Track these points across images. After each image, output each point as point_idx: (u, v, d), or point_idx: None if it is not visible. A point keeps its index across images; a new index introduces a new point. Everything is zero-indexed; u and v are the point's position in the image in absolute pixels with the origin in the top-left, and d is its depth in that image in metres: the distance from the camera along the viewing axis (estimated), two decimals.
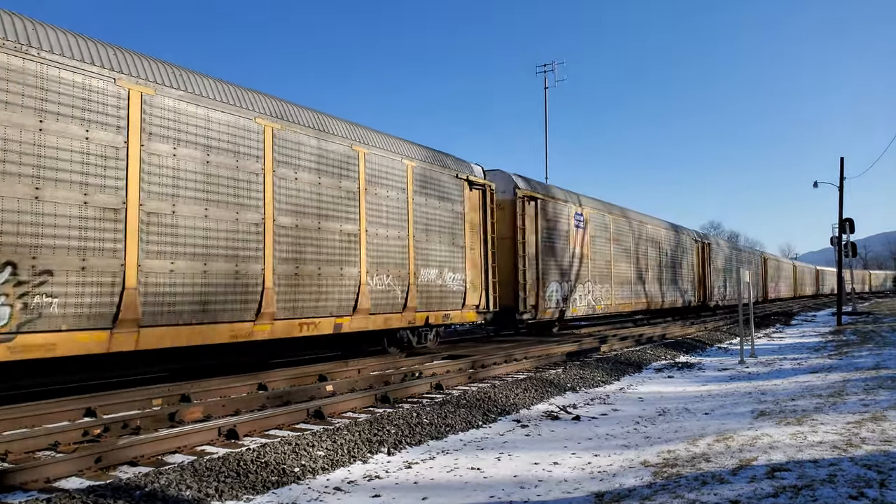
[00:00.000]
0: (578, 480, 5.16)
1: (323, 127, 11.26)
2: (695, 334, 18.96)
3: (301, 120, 10.88)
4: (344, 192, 11.47)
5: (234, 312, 9.35)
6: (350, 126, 12.00)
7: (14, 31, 7.26)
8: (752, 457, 5.26)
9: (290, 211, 10.41)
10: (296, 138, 10.63)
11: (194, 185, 8.98)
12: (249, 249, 9.65)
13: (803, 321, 28.49)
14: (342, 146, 11.54)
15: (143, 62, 8.63)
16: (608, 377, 10.98)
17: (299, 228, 10.53)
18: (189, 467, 5.03)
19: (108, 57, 8.17)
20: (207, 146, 9.18)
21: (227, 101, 9.62)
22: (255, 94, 10.28)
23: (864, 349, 14.15)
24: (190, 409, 7.30)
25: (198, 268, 8.90)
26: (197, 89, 9.17)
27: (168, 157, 8.67)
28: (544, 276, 17.64)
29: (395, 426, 6.68)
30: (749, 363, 13.00)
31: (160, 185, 8.53)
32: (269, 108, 10.31)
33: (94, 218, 7.77)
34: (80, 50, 7.88)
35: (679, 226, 30.56)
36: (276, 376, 9.78)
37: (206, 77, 9.52)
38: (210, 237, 9.14)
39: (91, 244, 7.70)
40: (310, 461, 5.52)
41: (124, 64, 8.34)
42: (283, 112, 10.55)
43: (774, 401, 8.25)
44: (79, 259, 7.57)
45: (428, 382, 9.33)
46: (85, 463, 5.22)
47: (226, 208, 9.37)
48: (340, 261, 11.30)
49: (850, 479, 4.42)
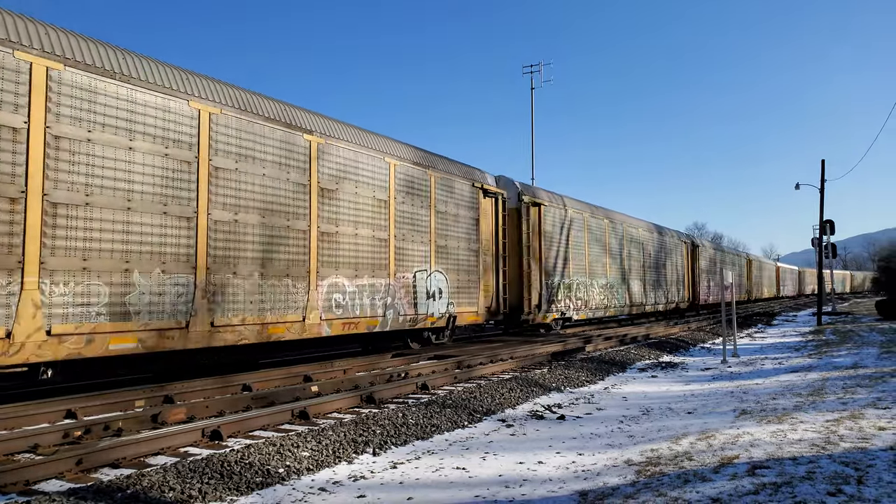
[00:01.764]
0: (563, 479, 5.19)
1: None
2: (678, 334, 19.14)
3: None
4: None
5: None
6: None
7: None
8: (733, 455, 5.32)
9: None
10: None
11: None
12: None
13: (784, 321, 28.87)
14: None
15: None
16: (593, 377, 11.05)
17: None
18: (172, 469, 4.99)
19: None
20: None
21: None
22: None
23: (843, 349, 14.37)
24: (173, 411, 7.23)
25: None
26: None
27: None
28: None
29: (380, 426, 6.68)
30: (731, 363, 13.15)
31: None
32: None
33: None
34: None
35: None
36: (260, 377, 9.73)
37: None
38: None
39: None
40: (294, 462, 5.50)
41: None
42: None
43: (756, 400, 8.36)
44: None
45: (413, 383, 9.33)
46: (65, 465, 5.16)
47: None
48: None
49: (828, 476, 4.49)
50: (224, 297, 9.32)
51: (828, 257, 30.02)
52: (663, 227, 30.45)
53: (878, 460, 4.84)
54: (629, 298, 24.95)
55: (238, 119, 9.79)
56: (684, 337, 18.51)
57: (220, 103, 9.54)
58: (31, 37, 7.41)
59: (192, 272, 8.91)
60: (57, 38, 7.72)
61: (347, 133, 12.01)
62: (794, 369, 11.44)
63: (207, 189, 9.21)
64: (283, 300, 10.26)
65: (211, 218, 9.21)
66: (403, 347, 14.17)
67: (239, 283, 9.56)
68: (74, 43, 7.90)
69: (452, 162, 15.33)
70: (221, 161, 9.47)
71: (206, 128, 9.28)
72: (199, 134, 9.19)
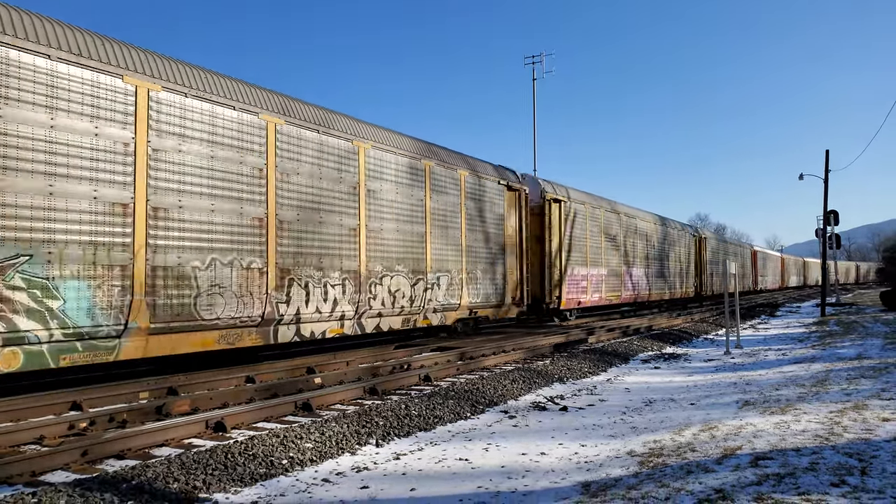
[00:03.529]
0: (565, 470, 5.20)
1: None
2: (681, 325, 19.13)
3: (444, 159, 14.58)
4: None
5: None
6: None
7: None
8: (736, 446, 5.33)
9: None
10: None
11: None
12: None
13: (788, 312, 28.82)
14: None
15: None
16: (595, 368, 11.05)
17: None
18: (176, 460, 5.02)
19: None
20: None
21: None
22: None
23: (847, 340, 14.34)
24: (177, 403, 7.26)
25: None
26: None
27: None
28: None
29: (383, 418, 6.69)
30: (735, 354, 13.14)
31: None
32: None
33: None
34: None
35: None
36: (264, 369, 9.76)
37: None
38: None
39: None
40: (298, 453, 5.52)
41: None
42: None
43: (759, 391, 8.35)
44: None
45: (417, 374, 9.35)
46: (71, 456, 5.19)
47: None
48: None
49: (831, 467, 4.49)
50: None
51: (832, 248, 29.90)
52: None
53: (882, 451, 4.83)
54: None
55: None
56: (687, 328, 18.50)
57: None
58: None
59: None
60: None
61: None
62: (797, 360, 11.42)
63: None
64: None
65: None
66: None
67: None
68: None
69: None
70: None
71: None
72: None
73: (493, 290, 16.02)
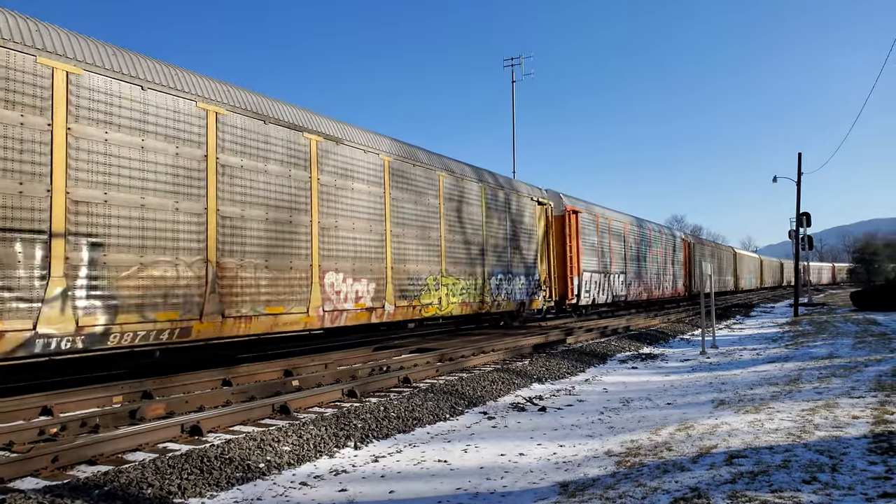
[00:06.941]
0: (544, 471, 5.23)
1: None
2: (658, 326, 19.34)
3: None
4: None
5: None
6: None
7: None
8: (711, 444, 5.40)
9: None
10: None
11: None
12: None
13: (762, 312, 29.30)
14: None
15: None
16: (574, 368, 11.13)
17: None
18: (151, 465, 4.94)
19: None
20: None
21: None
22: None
23: (819, 339, 14.64)
24: (152, 406, 7.15)
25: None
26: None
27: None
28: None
29: (362, 420, 6.66)
30: (710, 354, 13.33)
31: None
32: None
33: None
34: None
35: (672, 229, 35.65)
36: (242, 371, 9.65)
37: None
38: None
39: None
40: (275, 456, 5.47)
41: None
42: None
43: (734, 390, 8.48)
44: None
45: (396, 376, 9.32)
46: (41, 463, 5.07)
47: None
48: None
49: (803, 465, 4.57)
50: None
51: (804, 249, 30.49)
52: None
53: (852, 448, 4.93)
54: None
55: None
56: (664, 328, 18.71)
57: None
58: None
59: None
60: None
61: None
62: (771, 360, 11.62)
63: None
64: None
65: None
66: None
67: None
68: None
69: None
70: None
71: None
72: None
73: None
